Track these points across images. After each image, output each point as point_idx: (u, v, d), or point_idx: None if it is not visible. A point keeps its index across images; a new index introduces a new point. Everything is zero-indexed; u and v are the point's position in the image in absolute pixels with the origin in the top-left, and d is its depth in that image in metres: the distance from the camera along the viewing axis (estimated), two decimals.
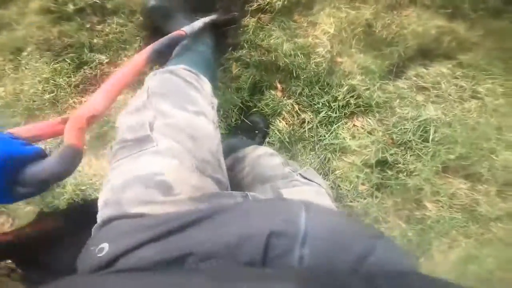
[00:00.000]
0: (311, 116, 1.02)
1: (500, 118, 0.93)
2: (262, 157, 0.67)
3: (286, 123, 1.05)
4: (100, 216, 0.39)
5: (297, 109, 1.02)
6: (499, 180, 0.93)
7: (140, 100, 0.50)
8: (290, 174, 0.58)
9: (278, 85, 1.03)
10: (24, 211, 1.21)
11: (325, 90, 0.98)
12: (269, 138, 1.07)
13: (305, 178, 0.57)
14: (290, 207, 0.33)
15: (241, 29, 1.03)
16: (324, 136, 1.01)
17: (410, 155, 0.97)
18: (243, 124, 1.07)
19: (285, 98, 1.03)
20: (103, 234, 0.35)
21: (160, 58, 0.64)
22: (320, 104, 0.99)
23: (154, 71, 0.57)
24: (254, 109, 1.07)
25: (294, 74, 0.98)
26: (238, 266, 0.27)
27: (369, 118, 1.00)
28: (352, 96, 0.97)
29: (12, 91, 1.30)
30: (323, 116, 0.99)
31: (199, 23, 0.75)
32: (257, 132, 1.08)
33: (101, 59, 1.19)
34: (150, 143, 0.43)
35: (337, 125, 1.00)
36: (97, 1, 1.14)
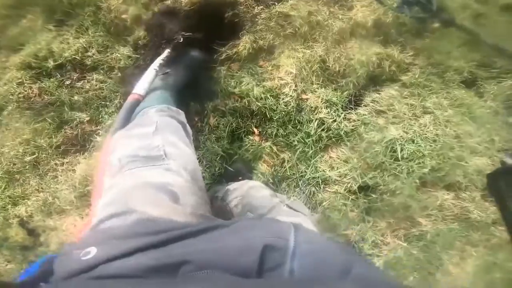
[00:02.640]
0: (290, 154, 0.97)
1: (455, 127, 0.95)
2: (252, 188, 0.69)
3: (268, 165, 0.99)
4: (98, 216, 0.38)
5: (276, 150, 0.97)
6: (478, 185, 0.92)
7: (147, 129, 0.53)
8: (277, 204, 0.59)
9: (255, 130, 0.99)
10: (4, 268, 1.10)
11: (297, 128, 0.96)
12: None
13: (292, 208, 0.58)
14: (281, 225, 0.35)
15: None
16: (305, 171, 0.96)
17: (388, 176, 0.94)
18: (227, 172, 1.00)
19: (263, 141, 0.99)
20: (91, 238, 0.34)
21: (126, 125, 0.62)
22: (296, 141, 0.95)
23: (161, 110, 0.60)
24: (236, 156, 1.01)
25: (268, 116, 0.96)
26: (234, 277, 0.27)
27: (342, 148, 0.98)
28: (323, 130, 0.96)
29: None
30: (300, 153, 0.96)
31: (148, 77, 0.77)
32: (240, 178, 1.02)
33: (81, 118, 1.12)
34: (162, 161, 0.46)
35: (314, 159, 0.96)
36: (77, 57, 1.10)
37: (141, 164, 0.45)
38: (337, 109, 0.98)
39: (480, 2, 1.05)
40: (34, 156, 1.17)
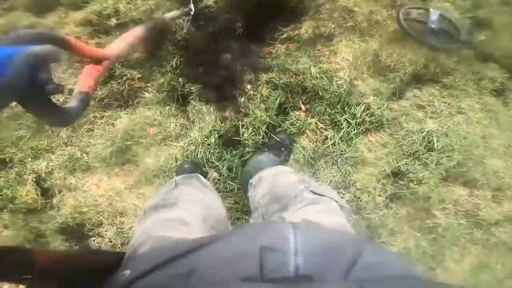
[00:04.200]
0: (333, 133, 1.05)
1: (483, 128, 1.07)
2: (278, 175, 0.72)
3: (310, 141, 1.06)
4: (129, 248, 0.47)
5: (321, 127, 1.05)
6: (491, 185, 1.03)
7: (168, 187, 0.70)
8: (301, 192, 0.60)
9: (302, 106, 1.06)
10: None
11: (344, 109, 1.04)
12: (294, 155, 1.07)
13: (316, 193, 0.59)
14: (278, 227, 0.36)
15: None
16: (345, 150, 1.05)
17: (418, 164, 1.04)
18: (270, 141, 1.07)
19: (309, 117, 1.06)
20: (128, 263, 0.41)
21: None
22: (342, 120, 1.03)
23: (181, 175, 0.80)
24: (279, 128, 1.07)
25: (320, 94, 1.03)
26: (238, 283, 0.28)
27: (381, 134, 1.07)
28: (367, 114, 1.04)
29: None
30: (344, 133, 1.04)
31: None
32: (282, 149, 1.06)
33: (132, 74, 1.14)
34: (177, 207, 0.58)
35: (355, 140, 1.05)
36: (143, 18, 1.13)
37: (159, 210, 0.57)
38: (382, 98, 1.07)
39: None
40: None
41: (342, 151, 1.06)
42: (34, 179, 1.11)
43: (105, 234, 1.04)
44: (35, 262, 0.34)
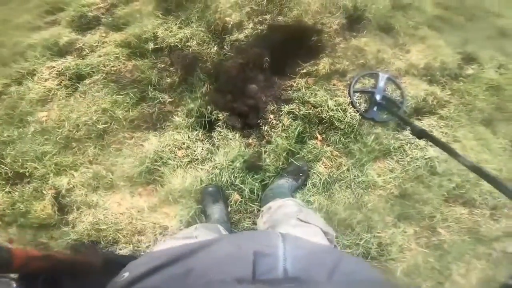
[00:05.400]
0: (346, 160, 1.17)
1: (477, 154, 1.22)
2: (281, 207, 0.81)
3: (325, 167, 1.18)
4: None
5: (335, 154, 1.17)
6: (489, 204, 1.15)
7: (191, 229, 0.73)
8: (291, 219, 0.67)
9: (318, 136, 1.18)
10: None
11: (357, 138, 1.17)
12: (311, 180, 1.17)
13: (303, 221, 0.65)
14: (270, 235, 0.40)
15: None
16: (358, 175, 1.17)
17: (423, 187, 1.17)
18: (289, 167, 1.17)
19: (325, 146, 1.18)
20: (129, 266, 0.41)
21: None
22: (355, 149, 1.16)
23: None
24: (297, 155, 1.18)
25: (335, 124, 1.16)
26: (231, 283, 0.30)
27: (388, 161, 1.20)
28: (377, 143, 1.17)
29: (56, 118, 1.22)
30: (356, 160, 1.16)
31: None
32: (300, 174, 1.17)
33: (164, 98, 1.21)
34: (194, 240, 0.59)
35: (366, 166, 1.17)
36: (178, 45, 1.23)
37: (178, 239, 0.60)
38: (389, 128, 1.21)
39: None
40: (107, 124, 1.22)
41: (355, 176, 1.18)
42: (53, 195, 1.11)
43: (119, 253, 1.05)
44: (13, 260, 0.36)
